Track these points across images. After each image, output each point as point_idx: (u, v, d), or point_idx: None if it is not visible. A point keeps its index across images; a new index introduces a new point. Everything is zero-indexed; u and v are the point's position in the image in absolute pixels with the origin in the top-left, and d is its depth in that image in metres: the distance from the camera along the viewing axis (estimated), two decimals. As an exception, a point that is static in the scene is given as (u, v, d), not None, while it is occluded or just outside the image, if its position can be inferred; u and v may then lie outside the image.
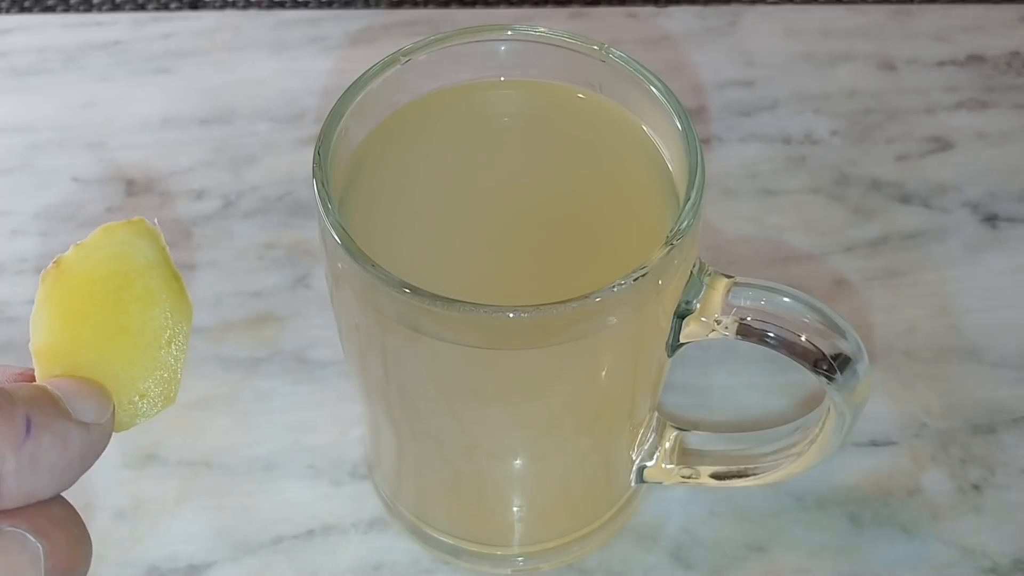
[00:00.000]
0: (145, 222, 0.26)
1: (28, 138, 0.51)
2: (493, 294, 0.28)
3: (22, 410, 0.23)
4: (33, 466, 0.22)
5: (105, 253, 0.26)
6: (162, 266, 0.26)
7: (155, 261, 0.26)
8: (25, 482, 0.22)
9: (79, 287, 0.25)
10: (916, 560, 0.39)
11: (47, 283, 0.25)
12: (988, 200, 0.49)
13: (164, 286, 0.26)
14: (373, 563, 0.39)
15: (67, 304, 0.26)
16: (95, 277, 0.25)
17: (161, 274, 0.26)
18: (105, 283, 0.25)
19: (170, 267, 0.26)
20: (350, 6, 0.58)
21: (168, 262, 0.26)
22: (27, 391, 0.24)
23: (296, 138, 0.51)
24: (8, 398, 0.23)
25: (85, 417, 0.24)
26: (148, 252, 0.26)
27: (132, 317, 0.26)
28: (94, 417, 0.24)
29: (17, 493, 0.22)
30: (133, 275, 0.26)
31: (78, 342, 0.25)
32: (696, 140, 0.30)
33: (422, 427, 0.34)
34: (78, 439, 0.23)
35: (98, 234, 0.26)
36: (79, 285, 0.25)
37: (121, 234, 0.26)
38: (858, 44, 0.55)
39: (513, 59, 0.34)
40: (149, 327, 0.26)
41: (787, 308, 0.31)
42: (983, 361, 0.44)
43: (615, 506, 0.39)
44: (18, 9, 0.59)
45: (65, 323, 0.26)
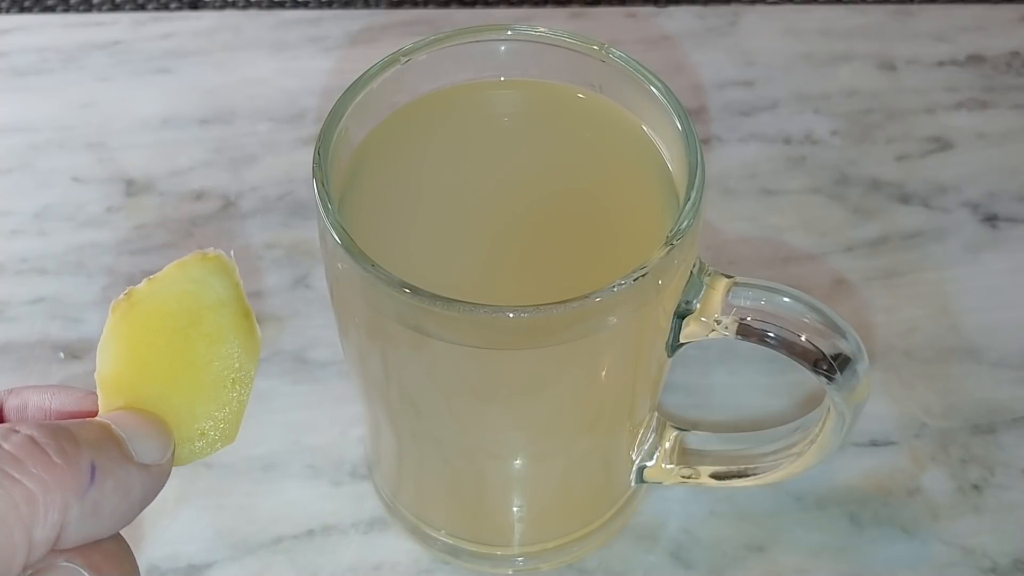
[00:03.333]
0: (222, 257, 0.26)
1: (28, 138, 0.51)
2: (493, 294, 0.28)
3: (88, 456, 0.23)
4: (95, 512, 0.23)
5: (177, 289, 0.25)
6: (234, 304, 0.26)
7: (227, 299, 0.26)
8: (86, 527, 0.23)
9: (148, 321, 0.25)
10: (916, 560, 0.39)
11: (117, 314, 0.25)
12: (988, 200, 0.49)
13: (234, 325, 0.26)
14: (373, 563, 0.39)
15: (135, 337, 0.25)
16: (165, 312, 0.25)
17: (232, 312, 0.26)
18: (175, 319, 0.25)
19: (242, 304, 0.26)
20: (350, 6, 0.58)
21: (240, 299, 0.26)
22: (92, 433, 0.23)
23: (296, 138, 0.51)
24: (74, 442, 0.23)
25: (147, 458, 0.24)
26: (220, 289, 0.26)
27: (199, 355, 0.25)
28: (156, 458, 0.24)
29: (77, 538, 0.23)
30: (204, 313, 0.25)
31: (144, 375, 0.25)
32: (696, 140, 0.30)
33: (422, 427, 0.34)
34: (139, 483, 0.24)
35: (171, 269, 0.26)
36: (149, 319, 0.25)
37: (194, 270, 0.26)
38: (858, 44, 0.55)
39: (513, 59, 0.34)
40: (215, 366, 0.26)
41: (787, 308, 0.31)
42: (983, 361, 0.44)
43: (615, 506, 0.39)
44: (18, 9, 0.59)
45: (132, 355, 0.25)
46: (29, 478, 0.22)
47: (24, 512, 0.21)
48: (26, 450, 0.22)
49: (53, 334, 0.44)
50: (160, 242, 0.47)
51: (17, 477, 0.22)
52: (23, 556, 0.22)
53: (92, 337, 0.44)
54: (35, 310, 0.45)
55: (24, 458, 0.22)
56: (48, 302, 0.45)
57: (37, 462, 0.22)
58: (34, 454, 0.22)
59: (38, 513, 0.22)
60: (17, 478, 0.22)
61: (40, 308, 0.45)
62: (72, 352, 0.44)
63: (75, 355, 0.44)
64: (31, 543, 0.22)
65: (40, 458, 0.22)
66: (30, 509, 0.22)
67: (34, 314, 0.45)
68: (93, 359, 0.25)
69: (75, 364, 0.43)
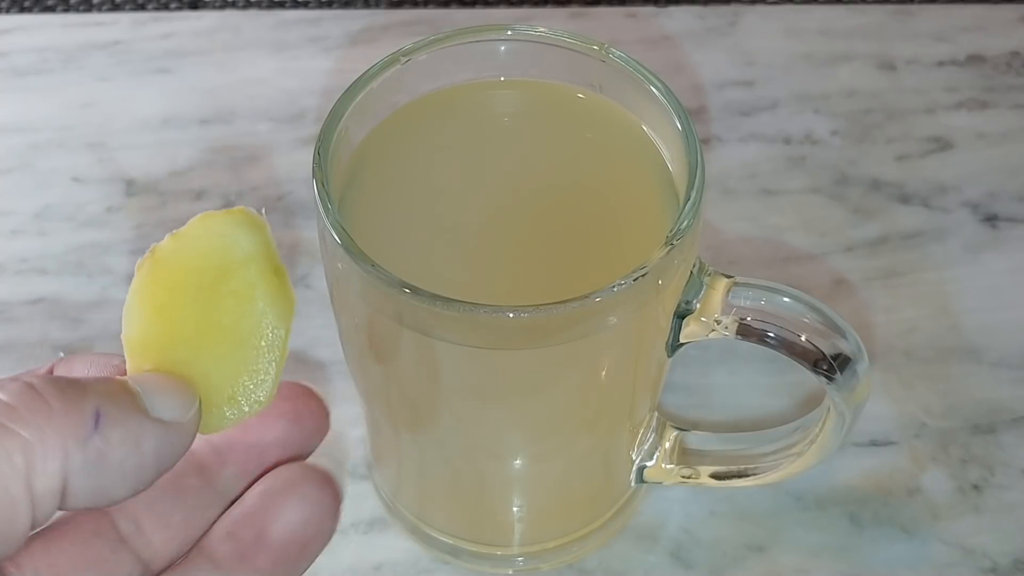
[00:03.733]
0: (246, 212, 0.24)
1: (28, 138, 0.51)
2: (493, 294, 0.29)
3: (92, 403, 0.21)
4: (101, 463, 0.21)
5: (202, 244, 0.24)
6: (262, 260, 0.24)
7: (256, 255, 0.24)
8: (92, 479, 0.21)
9: (173, 279, 0.24)
10: (916, 560, 0.39)
11: (141, 272, 0.24)
12: (988, 200, 0.49)
13: (264, 283, 0.24)
14: (373, 563, 0.39)
15: (160, 296, 0.24)
16: (190, 269, 0.24)
17: (262, 269, 0.24)
18: (200, 276, 0.24)
19: (272, 261, 0.24)
20: (350, 6, 0.58)
21: (271, 256, 0.24)
22: (103, 384, 0.22)
23: (296, 138, 0.51)
24: (79, 389, 0.22)
25: (164, 415, 0.23)
26: (248, 244, 0.24)
27: (226, 314, 0.24)
28: (175, 415, 0.23)
29: (85, 492, 0.21)
30: (231, 269, 0.24)
31: (171, 337, 0.24)
32: (696, 140, 0.30)
33: (422, 427, 0.34)
34: (153, 437, 0.22)
35: (195, 223, 0.24)
36: (173, 277, 0.24)
37: (219, 224, 0.24)
38: (858, 44, 0.55)
39: (513, 59, 0.34)
40: (244, 326, 0.24)
41: (787, 308, 0.31)
42: (983, 361, 0.44)
43: (615, 506, 0.39)
44: (18, 9, 0.59)
45: (158, 316, 0.24)
46: (24, 426, 0.21)
47: (20, 463, 0.20)
48: (22, 397, 0.21)
49: (53, 334, 0.44)
50: (160, 242, 0.47)
51: (11, 426, 0.21)
52: (26, 510, 0.21)
53: (92, 337, 0.44)
54: (35, 310, 0.45)
55: (19, 406, 0.21)
56: (48, 302, 0.45)
57: (33, 409, 0.21)
58: (30, 401, 0.21)
59: (36, 463, 0.20)
60: (11, 427, 0.21)
61: (40, 308, 0.45)
62: (72, 352, 0.44)
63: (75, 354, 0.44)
64: (33, 496, 0.21)
65: (37, 404, 0.21)
66: (26, 459, 0.20)
67: (34, 314, 0.45)
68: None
69: (75, 364, 0.43)
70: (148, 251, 0.24)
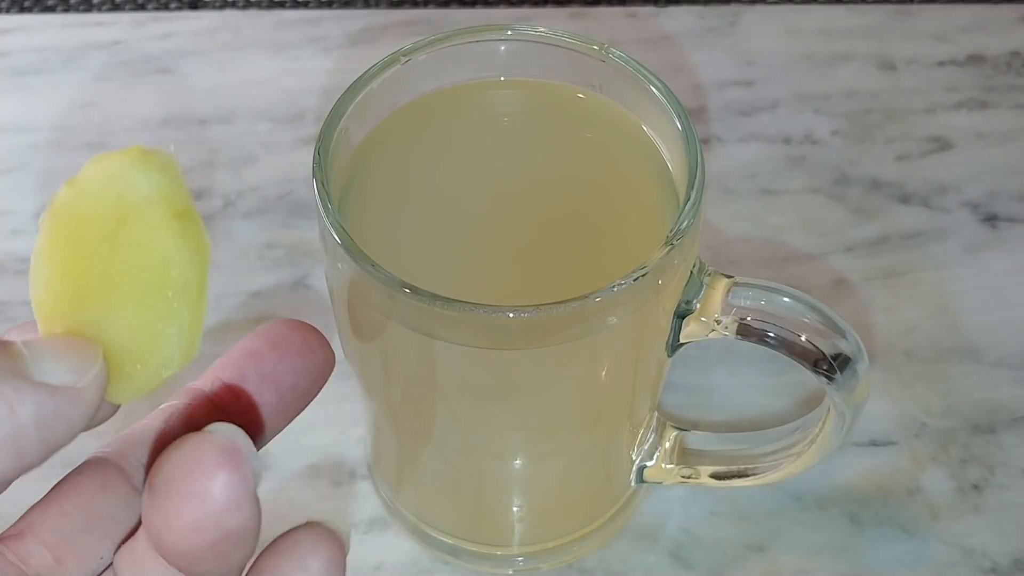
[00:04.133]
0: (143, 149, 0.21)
1: (28, 138, 0.51)
2: (493, 294, 0.29)
3: None
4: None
5: (97, 189, 0.21)
6: (165, 201, 0.21)
7: (153, 196, 0.21)
8: None
9: (72, 231, 0.22)
10: (916, 560, 0.39)
11: (43, 229, 0.22)
12: (988, 200, 0.49)
13: (164, 225, 0.21)
14: (373, 563, 0.39)
15: (61, 251, 0.22)
16: (88, 218, 0.21)
17: (163, 212, 0.21)
18: (99, 224, 0.21)
19: (175, 202, 0.21)
20: (350, 6, 0.58)
21: (173, 196, 0.21)
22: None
23: (296, 138, 0.51)
24: None
25: (52, 379, 0.20)
26: (144, 185, 0.21)
27: (129, 265, 0.21)
28: (64, 380, 0.21)
29: None
30: (128, 214, 0.21)
31: (77, 296, 0.22)
32: (696, 140, 0.30)
33: (422, 427, 0.34)
34: (32, 402, 0.20)
35: (89, 166, 0.22)
36: (72, 229, 0.22)
37: (113, 166, 0.21)
38: (858, 44, 0.55)
39: (513, 59, 0.34)
40: (147, 277, 0.21)
41: (787, 308, 0.31)
42: (983, 361, 0.44)
43: (615, 506, 0.39)
44: (18, 9, 0.59)
45: (62, 274, 0.22)
46: None
47: None
48: None
49: (53, 334, 0.44)
50: (160, 242, 0.47)
51: None
52: None
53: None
54: (35, 310, 0.45)
55: None
56: (48, 302, 0.45)
57: None
58: None
59: None
60: None
61: (40, 308, 0.45)
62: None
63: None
64: None
65: None
66: None
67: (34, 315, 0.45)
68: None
69: (75, 364, 0.43)
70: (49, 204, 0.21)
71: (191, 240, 0.21)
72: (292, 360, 0.25)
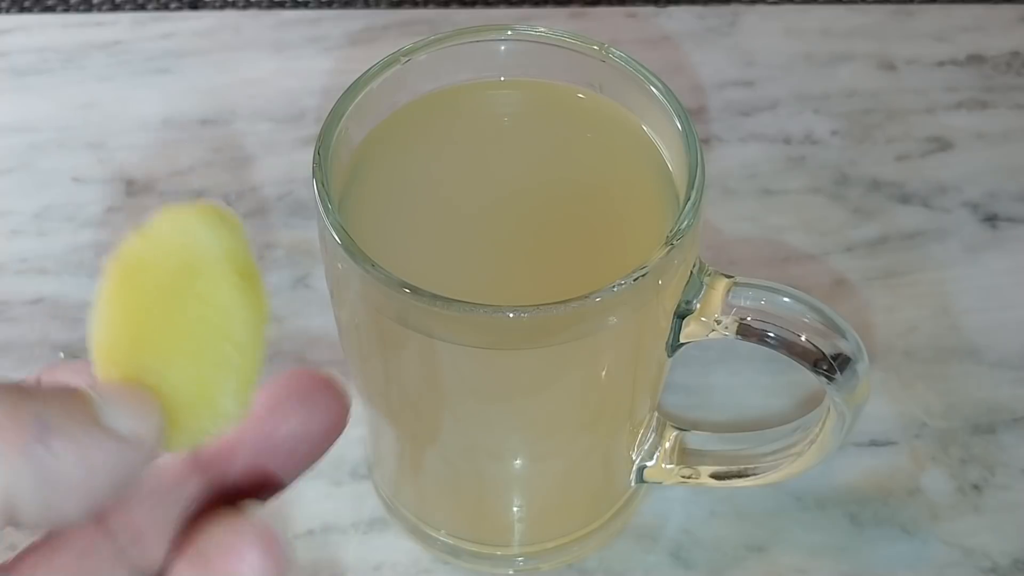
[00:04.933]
0: (216, 209, 0.22)
1: (28, 138, 0.51)
2: (493, 294, 0.28)
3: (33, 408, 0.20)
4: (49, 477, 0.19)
5: (167, 242, 0.22)
6: (230, 260, 0.22)
7: (222, 255, 0.22)
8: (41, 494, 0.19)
9: (138, 280, 0.22)
10: (916, 560, 0.39)
11: (107, 273, 0.22)
12: (988, 200, 0.49)
13: (229, 283, 0.22)
14: (373, 563, 0.39)
15: (126, 299, 0.22)
16: (155, 269, 0.22)
17: (228, 270, 0.22)
18: (165, 276, 0.22)
19: (240, 262, 0.22)
20: (350, 6, 0.58)
21: (239, 256, 0.22)
22: (52, 390, 0.21)
23: (296, 138, 0.51)
24: (20, 393, 0.20)
25: (121, 427, 0.21)
26: (213, 243, 0.22)
27: (192, 318, 0.22)
28: (131, 428, 0.21)
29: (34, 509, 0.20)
30: (196, 269, 0.22)
31: (138, 343, 0.22)
32: (696, 140, 0.30)
33: (422, 427, 0.34)
34: (106, 452, 0.20)
35: (161, 219, 0.22)
36: (138, 278, 0.22)
37: (185, 221, 0.22)
38: (858, 44, 0.55)
39: (513, 59, 0.34)
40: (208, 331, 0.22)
41: (787, 308, 0.31)
42: (983, 361, 0.44)
43: (615, 506, 0.39)
44: (18, 9, 0.59)
45: (124, 320, 0.22)
46: None
47: None
48: None
49: (53, 334, 0.44)
50: (160, 242, 0.47)
51: None
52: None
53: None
54: (35, 310, 0.45)
55: None
56: (48, 302, 0.45)
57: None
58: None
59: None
60: None
61: (40, 308, 0.45)
62: (72, 352, 0.44)
63: (75, 355, 0.44)
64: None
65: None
66: None
67: (34, 314, 0.45)
68: (94, 360, 0.24)
69: (75, 364, 0.43)
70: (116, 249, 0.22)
71: (253, 299, 0.23)
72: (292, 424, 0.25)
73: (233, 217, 0.23)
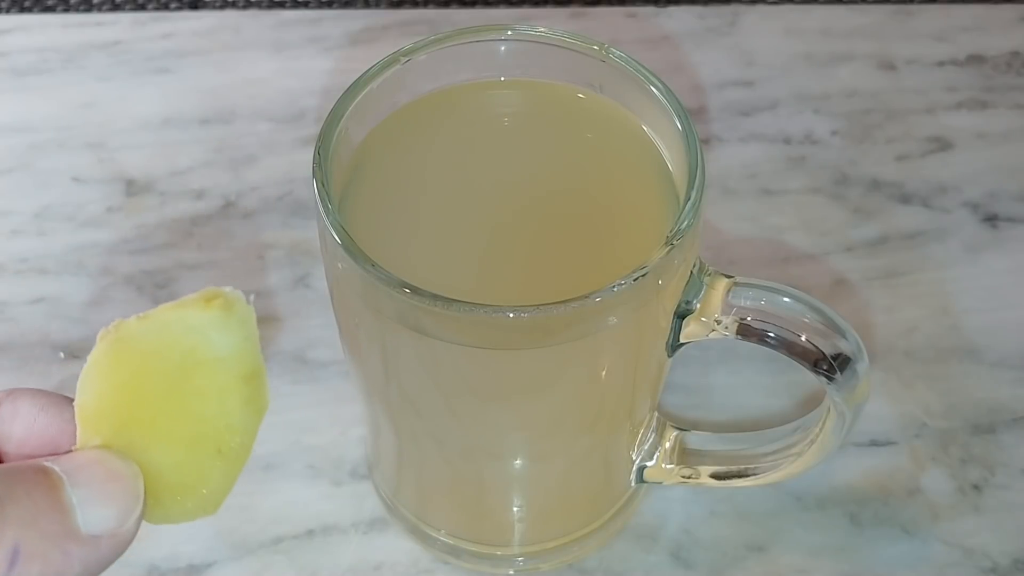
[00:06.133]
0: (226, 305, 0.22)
1: (28, 138, 0.51)
2: (493, 294, 0.29)
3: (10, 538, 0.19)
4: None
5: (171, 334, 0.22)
6: (237, 363, 0.22)
7: (228, 357, 0.22)
8: None
9: (135, 362, 0.22)
10: (916, 560, 0.39)
11: (103, 344, 0.22)
12: (988, 200, 0.49)
13: (233, 388, 0.22)
14: (373, 563, 0.39)
15: (119, 375, 0.22)
16: (154, 356, 0.22)
17: (232, 373, 0.22)
18: (165, 365, 0.22)
19: (246, 364, 0.22)
20: (350, 6, 0.58)
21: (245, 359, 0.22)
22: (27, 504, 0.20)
23: (296, 138, 0.51)
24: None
25: (99, 528, 0.20)
26: (222, 345, 0.22)
27: (188, 410, 0.22)
28: (110, 527, 0.21)
29: None
30: (198, 367, 0.22)
31: (125, 417, 0.22)
32: (696, 140, 0.30)
33: (422, 427, 0.34)
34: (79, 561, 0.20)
35: (168, 310, 0.22)
36: (135, 359, 0.22)
37: (194, 318, 0.22)
38: (858, 44, 0.55)
39: (513, 59, 0.34)
40: (204, 427, 0.22)
41: (787, 308, 0.31)
42: (983, 361, 0.44)
43: (615, 506, 0.39)
44: (18, 9, 0.59)
45: (115, 393, 0.22)
46: None
47: None
48: None
49: (53, 334, 0.44)
50: (160, 242, 0.47)
51: None
52: None
53: (92, 337, 0.44)
54: (35, 310, 0.45)
55: None
56: (48, 302, 0.45)
57: None
58: None
59: None
60: None
61: (40, 308, 0.45)
62: (72, 352, 0.44)
63: (75, 355, 0.44)
64: None
65: None
66: None
67: (34, 314, 0.45)
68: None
69: (75, 364, 0.43)
70: (113, 324, 0.22)
71: (254, 402, 0.23)
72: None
73: (245, 308, 0.22)
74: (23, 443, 0.23)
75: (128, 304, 0.45)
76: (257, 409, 0.23)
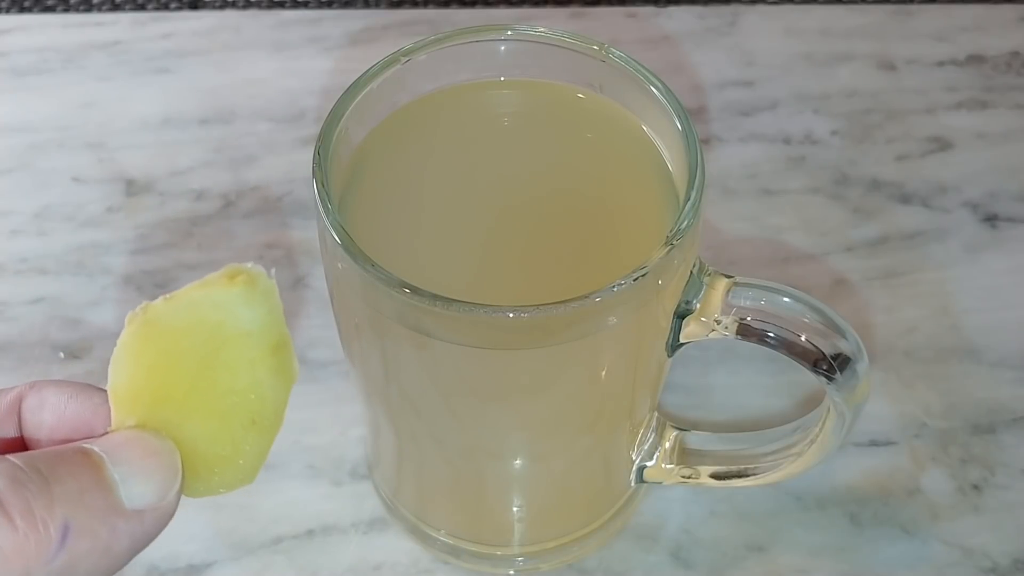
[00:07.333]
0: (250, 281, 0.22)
1: (28, 138, 0.51)
2: (493, 294, 0.28)
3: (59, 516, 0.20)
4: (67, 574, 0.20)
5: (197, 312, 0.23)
6: (263, 335, 0.23)
7: (255, 330, 0.23)
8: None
9: (164, 341, 0.23)
10: (916, 560, 0.39)
11: (131, 328, 0.23)
12: (988, 200, 0.49)
13: (261, 358, 0.23)
14: (373, 563, 0.39)
15: (149, 355, 0.23)
16: (182, 335, 0.23)
17: (260, 345, 0.23)
18: (193, 342, 0.23)
19: (273, 336, 0.23)
20: (350, 6, 0.58)
21: (271, 331, 0.23)
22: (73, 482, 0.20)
23: (296, 138, 0.51)
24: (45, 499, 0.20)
25: (142, 502, 0.21)
26: (248, 319, 0.23)
27: (219, 384, 0.23)
28: (152, 500, 0.21)
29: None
30: (226, 342, 0.23)
31: (158, 396, 0.23)
32: (696, 140, 0.30)
33: (422, 427, 0.34)
34: (126, 536, 0.21)
35: (193, 289, 0.23)
36: (163, 339, 0.23)
37: (219, 294, 0.22)
38: (858, 44, 0.55)
39: (513, 59, 0.34)
40: (235, 399, 0.23)
41: (787, 308, 0.31)
42: (983, 361, 0.44)
43: (615, 506, 0.39)
44: (18, 9, 0.59)
45: (146, 374, 0.23)
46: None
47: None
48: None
49: (53, 334, 0.44)
50: (160, 242, 0.47)
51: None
52: None
53: (92, 337, 0.44)
54: (35, 310, 0.45)
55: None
56: (48, 302, 0.45)
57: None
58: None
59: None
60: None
61: (40, 308, 0.45)
62: (72, 352, 0.44)
63: (75, 355, 0.44)
64: None
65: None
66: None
67: (34, 314, 0.45)
68: (93, 359, 0.24)
69: (75, 364, 0.43)
70: (140, 307, 0.23)
71: (283, 372, 0.23)
72: None
73: (268, 282, 0.23)
74: (55, 429, 0.24)
75: (128, 304, 0.45)
76: (287, 378, 0.23)
